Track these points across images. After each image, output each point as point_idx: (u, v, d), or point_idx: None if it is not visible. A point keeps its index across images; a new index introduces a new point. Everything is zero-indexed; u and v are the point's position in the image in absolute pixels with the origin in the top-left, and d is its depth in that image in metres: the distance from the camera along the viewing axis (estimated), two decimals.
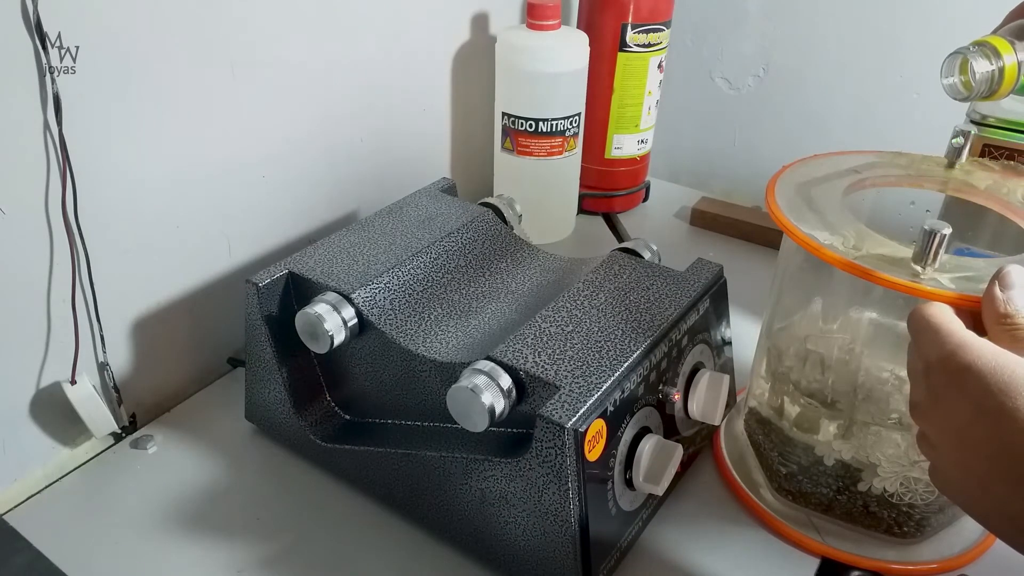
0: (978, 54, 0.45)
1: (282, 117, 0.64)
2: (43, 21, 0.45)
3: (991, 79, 0.45)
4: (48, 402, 0.54)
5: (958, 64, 0.46)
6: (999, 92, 0.46)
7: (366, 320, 0.50)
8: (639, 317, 0.48)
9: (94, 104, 0.50)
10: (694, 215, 0.89)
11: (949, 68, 0.47)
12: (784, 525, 0.51)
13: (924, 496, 0.47)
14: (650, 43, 0.81)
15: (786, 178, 0.49)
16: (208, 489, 0.54)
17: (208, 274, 0.63)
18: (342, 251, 0.55)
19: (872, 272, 0.39)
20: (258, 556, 0.49)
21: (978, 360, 0.33)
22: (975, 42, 0.46)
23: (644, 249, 0.57)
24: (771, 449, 0.52)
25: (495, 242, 0.59)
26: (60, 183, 0.50)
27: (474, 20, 0.81)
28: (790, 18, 0.95)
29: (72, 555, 0.48)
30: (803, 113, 0.99)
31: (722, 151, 1.08)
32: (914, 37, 0.88)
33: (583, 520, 0.42)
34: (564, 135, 0.78)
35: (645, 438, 0.46)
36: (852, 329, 0.48)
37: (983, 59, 0.45)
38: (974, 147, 0.59)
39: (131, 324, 0.58)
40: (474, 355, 0.47)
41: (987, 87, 0.46)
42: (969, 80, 0.46)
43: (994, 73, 0.45)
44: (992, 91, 0.46)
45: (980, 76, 0.45)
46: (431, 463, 0.47)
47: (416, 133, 0.79)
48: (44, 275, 0.51)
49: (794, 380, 0.50)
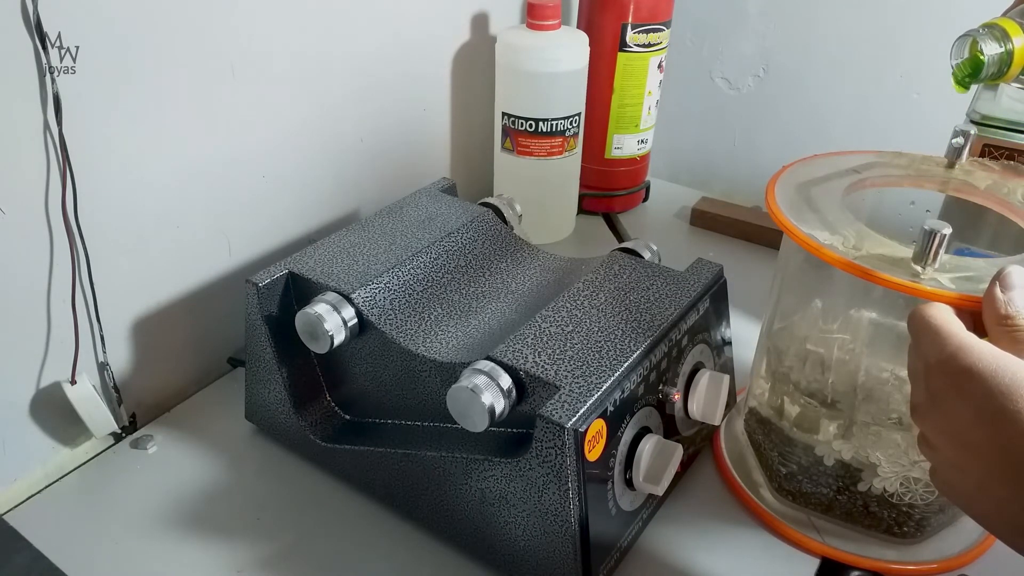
0: (987, 36, 0.45)
1: (282, 117, 0.64)
2: (43, 21, 0.45)
3: (1000, 61, 0.45)
4: (48, 402, 0.54)
5: (967, 45, 0.46)
6: (1008, 74, 0.46)
7: (366, 320, 0.50)
8: (639, 317, 0.48)
9: (94, 104, 0.50)
10: (694, 215, 0.89)
11: (959, 50, 0.47)
12: (784, 525, 0.51)
13: (924, 496, 0.47)
14: (650, 43, 0.81)
15: (786, 178, 0.49)
16: (208, 489, 0.54)
17: (208, 274, 0.63)
18: (342, 251, 0.55)
19: (872, 272, 0.39)
20: (258, 556, 0.49)
21: (978, 363, 0.33)
22: (985, 24, 0.46)
23: (644, 249, 0.57)
24: (771, 449, 0.52)
25: (495, 242, 0.59)
26: (60, 183, 0.50)
27: (474, 20, 0.81)
28: (790, 18, 0.95)
29: (72, 555, 0.48)
30: (803, 113, 0.99)
31: (722, 151, 1.08)
32: (914, 37, 0.88)
33: (583, 520, 0.42)
34: (564, 135, 0.78)
35: (645, 438, 0.46)
36: (852, 329, 0.48)
37: (992, 41, 0.45)
38: (974, 147, 0.59)
39: (131, 324, 0.58)
40: (474, 355, 0.47)
41: (996, 69, 0.46)
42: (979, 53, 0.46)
43: (1003, 55, 0.45)
44: (1001, 73, 0.46)
45: (989, 58, 0.45)
46: (431, 463, 0.47)
47: (416, 133, 0.79)
48: (44, 275, 0.51)
49: (794, 380, 0.50)
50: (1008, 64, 0.46)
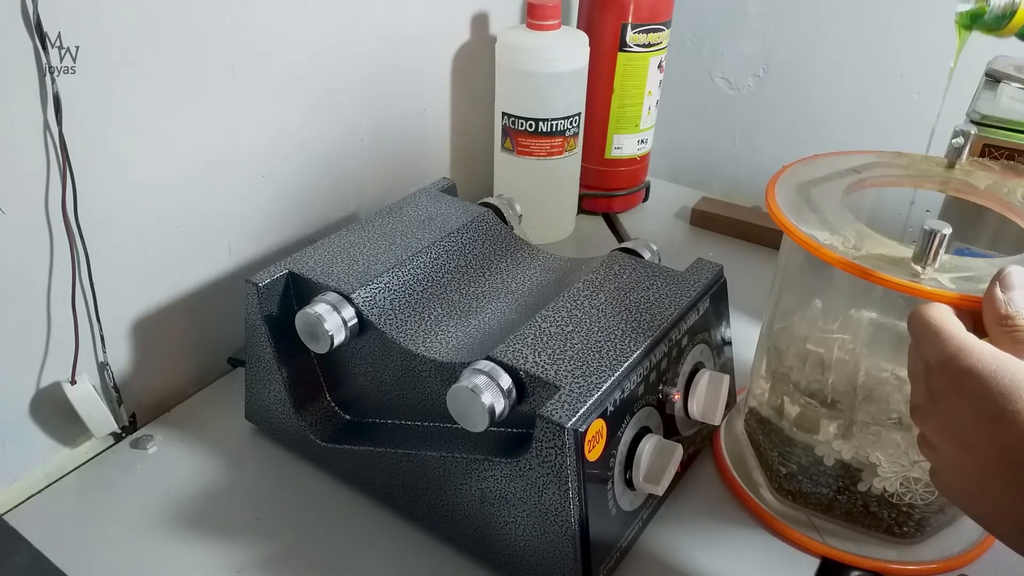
0: None
1: (282, 117, 0.64)
2: (43, 21, 0.45)
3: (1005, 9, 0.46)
4: (48, 402, 0.54)
5: None
6: (1007, 28, 0.47)
7: (366, 320, 0.50)
8: (639, 317, 0.48)
9: (94, 104, 0.50)
10: (694, 215, 0.89)
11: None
12: (784, 525, 0.51)
13: (924, 496, 0.47)
14: (650, 43, 0.81)
15: (786, 178, 0.49)
16: (208, 489, 0.54)
17: (208, 274, 0.63)
18: (342, 251, 0.55)
19: (872, 272, 0.39)
20: (258, 556, 0.49)
21: (978, 363, 0.33)
22: None
23: (644, 249, 0.57)
24: (771, 449, 0.52)
25: (495, 242, 0.59)
26: (60, 183, 0.50)
27: (474, 20, 0.81)
28: (790, 18, 0.95)
29: (72, 555, 0.48)
30: (803, 113, 0.99)
31: (722, 151, 1.08)
32: (914, 37, 0.88)
33: (583, 520, 0.42)
34: (564, 135, 0.78)
35: (645, 438, 0.46)
36: (852, 329, 0.48)
37: None
38: (974, 147, 0.59)
39: (131, 324, 0.58)
40: (474, 355, 0.47)
41: (1001, 12, 0.46)
42: (984, 5, 0.46)
43: (1008, 5, 0.46)
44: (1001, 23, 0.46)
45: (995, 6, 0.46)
46: (431, 463, 0.47)
47: (416, 133, 0.79)
48: (44, 275, 0.51)
49: (794, 380, 0.50)
50: (1011, 16, 0.46)
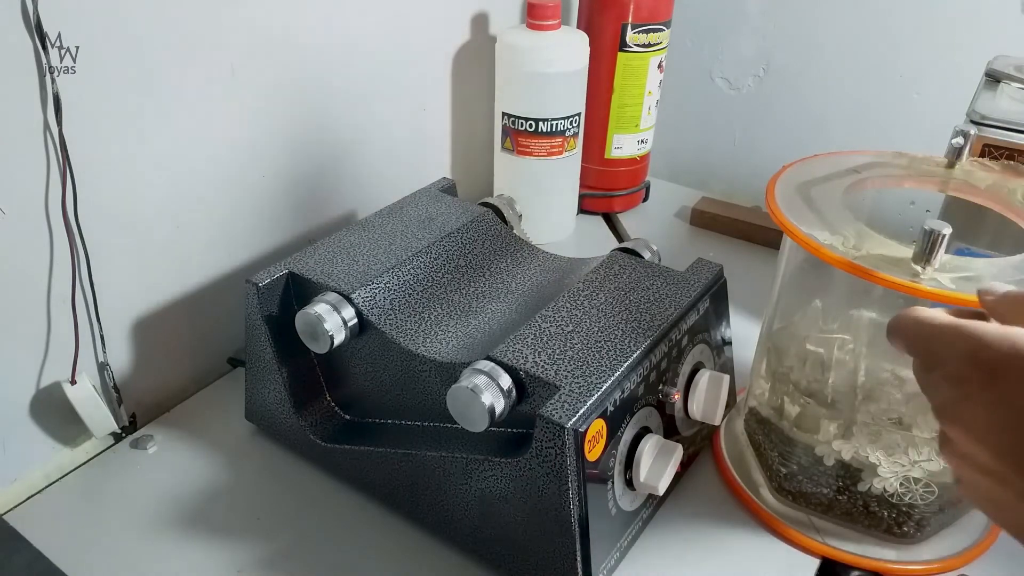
0: None
1: (282, 117, 0.64)
2: (43, 21, 0.45)
3: None
4: (48, 402, 0.54)
5: None
6: None
7: (366, 320, 0.50)
8: (639, 317, 0.48)
9: (94, 104, 0.50)
10: (694, 215, 0.89)
11: None
12: (784, 525, 0.51)
13: (924, 496, 0.47)
14: (650, 43, 0.81)
15: (786, 178, 0.49)
16: (208, 489, 0.54)
17: (208, 274, 0.63)
18: (342, 251, 0.55)
19: (872, 272, 0.39)
20: (258, 556, 0.49)
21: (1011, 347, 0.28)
22: None
23: (644, 249, 0.57)
24: (771, 449, 0.52)
25: (495, 242, 0.59)
26: (60, 183, 0.50)
27: (474, 20, 0.81)
28: (790, 18, 0.95)
29: (72, 555, 0.48)
30: (803, 113, 0.99)
31: (722, 151, 1.08)
32: (914, 37, 0.88)
33: (583, 520, 0.42)
34: (564, 135, 0.78)
35: (645, 438, 0.46)
36: (852, 329, 0.48)
37: None
38: (974, 147, 0.59)
39: (131, 324, 0.58)
40: (474, 355, 0.47)
41: None
42: None
43: None
44: None
45: None
46: (431, 463, 0.47)
47: (416, 133, 0.79)
48: (44, 275, 0.51)
49: (794, 380, 0.50)
50: None
